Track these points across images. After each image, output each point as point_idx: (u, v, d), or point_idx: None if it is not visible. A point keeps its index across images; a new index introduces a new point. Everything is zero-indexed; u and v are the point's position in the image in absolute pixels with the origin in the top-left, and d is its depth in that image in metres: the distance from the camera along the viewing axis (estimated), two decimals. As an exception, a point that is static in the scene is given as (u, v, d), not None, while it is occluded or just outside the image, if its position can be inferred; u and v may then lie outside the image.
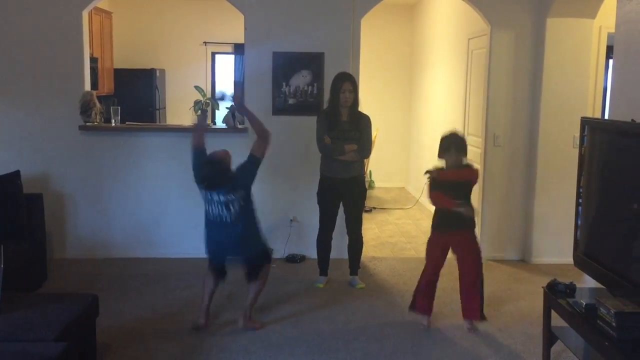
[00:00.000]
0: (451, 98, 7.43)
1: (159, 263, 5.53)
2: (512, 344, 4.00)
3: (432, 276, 4.24)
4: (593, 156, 3.46)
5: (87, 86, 5.63)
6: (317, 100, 5.60)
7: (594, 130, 3.42)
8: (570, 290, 3.38)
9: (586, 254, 3.40)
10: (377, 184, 9.94)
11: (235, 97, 3.69)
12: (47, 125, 5.53)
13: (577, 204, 3.51)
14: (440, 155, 4.14)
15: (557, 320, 3.48)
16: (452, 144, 4.07)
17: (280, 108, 5.64)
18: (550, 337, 3.52)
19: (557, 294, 3.42)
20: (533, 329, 4.20)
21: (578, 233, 3.52)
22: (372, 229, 7.09)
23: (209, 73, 9.62)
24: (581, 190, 3.48)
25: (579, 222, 3.51)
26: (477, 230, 5.88)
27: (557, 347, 3.65)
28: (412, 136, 9.66)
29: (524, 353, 3.87)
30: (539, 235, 5.76)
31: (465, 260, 4.18)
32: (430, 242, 4.26)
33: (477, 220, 5.94)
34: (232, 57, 9.62)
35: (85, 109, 5.44)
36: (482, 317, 4.21)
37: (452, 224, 4.15)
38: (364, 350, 3.87)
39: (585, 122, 3.44)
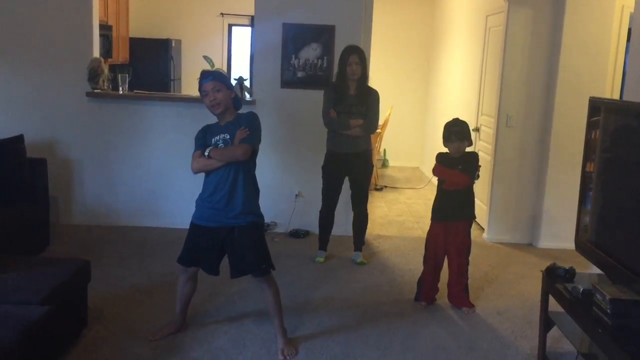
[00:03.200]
0: (467, 77, 7.27)
1: (164, 232, 5.53)
2: (509, 328, 3.92)
3: (435, 268, 4.21)
4: (601, 138, 3.33)
5: (96, 52, 5.59)
6: (327, 74, 5.51)
7: (602, 111, 3.28)
8: (570, 275, 3.28)
9: (589, 239, 3.29)
10: (391, 163, 9.85)
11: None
12: (54, 90, 5.52)
13: (582, 188, 3.38)
14: (444, 144, 4.12)
15: (556, 306, 3.39)
16: (452, 133, 4.04)
17: (288, 81, 5.56)
18: (547, 322, 3.42)
19: (555, 278, 3.32)
20: (533, 314, 4.11)
21: (582, 218, 3.40)
22: (381, 207, 7.01)
23: (225, 45, 9.55)
24: (589, 174, 3.35)
25: (583, 207, 3.38)
26: (484, 215, 5.87)
27: (556, 332, 3.55)
28: (428, 115, 9.52)
29: (520, 337, 3.79)
30: (549, 219, 5.63)
31: (456, 250, 4.15)
32: (432, 234, 4.21)
33: (486, 200, 5.88)
34: (249, 29, 9.51)
35: (93, 75, 5.42)
36: (469, 304, 4.18)
37: (452, 213, 4.12)
38: (358, 327, 3.82)
39: (594, 103, 3.31)
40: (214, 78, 3.31)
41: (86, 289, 3.53)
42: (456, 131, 4.05)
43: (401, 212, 6.88)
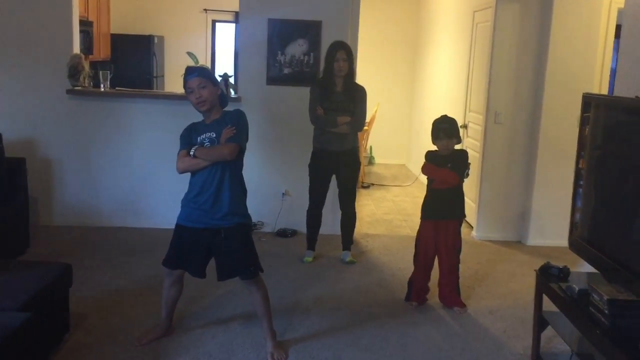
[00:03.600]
0: (454, 73, 7.21)
1: (148, 233, 5.41)
2: (502, 327, 3.86)
3: (425, 268, 4.14)
4: (595, 135, 3.29)
5: (76, 49, 5.45)
6: (313, 71, 5.42)
7: (596, 107, 3.23)
8: (564, 274, 3.23)
9: (583, 238, 3.24)
10: (377, 160, 9.79)
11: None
12: (33, 88, 5.37)
13: (576, 185, 3.33)
14: (432, 141, 4.04)
15: (549, 305, 3.34)
16: (440, 130, 3.96)
17: (274, 78, 5.46)
18: (541, 322, 3.37)
19: (549, 277, 3.26)
20: (525, 313, 4.06)
21: (576, 216, 3.35)
22: (368, 205, 6.94)
23: (208, 42, 9.41)
24: (582, 170, 3.30)
25: (577, 204, 3.33)
26: (473, 212, 5.82)
27: (548, 332, 3.50)
28: (415, 112, 9.46)
29: (513, 337, 3.73)
30: (538, 216, 5.59)
31: (446, 250, 4.07)
32: (421, 233, 4.13)
33: (475, 198, 5.83)
34: (232, 25, 9.39)
35: (74, 72, 5.28)
36: (460, 304, 4.11)
37: (443, 212, 4.05)
38: (348, 329, 3.74)
39: (588, 99, 3.25)
40: (200, 74, 3.20)
41: (68, 293, 3.41)
42: (444, 128, 3.98)
43: (389, 210, 6.82)
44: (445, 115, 4.08)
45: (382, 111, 9.01)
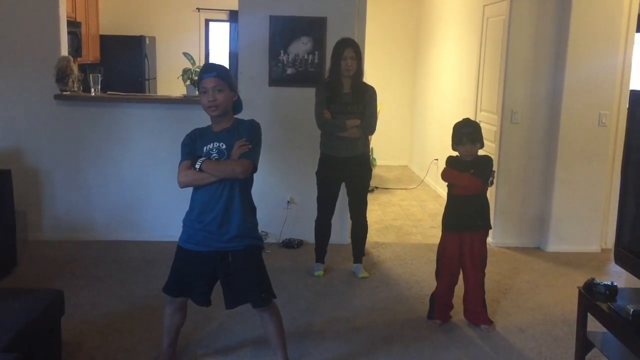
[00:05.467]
0: (462, 71, 6.90)
1: (144, 247, 5.05)
2: (536, 347, 3.54)
3: (450, 284, 3.81)
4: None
5: (64, 51, 5.09)
6: (318, 70, 5.09)
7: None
8: (611, 292, 2.91)
9: (632, 250, 2.92)
10: (378, 162, 9.44)
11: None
12: (18, 93, 5.00)
13: (623, 191, 3.02)
14: (453, 147, 3.72)
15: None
16: (463, 134, 3.65)
17: (277, 79, 5.12)
18: (585, 344, 3.06)
19: (595, 296, 2.95)
20: (557, 330, 3.76)
21: (623, 225, 3.03)
22: (375, 210, 6.61)
23: (202, 42, 9.06)
24: (631, 174, 2.99)
25: (624, 212, 3.02)
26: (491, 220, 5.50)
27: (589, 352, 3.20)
28: (417, 111, 9.13)
29: (550, 358, 3.41)
30: (558, 221, 5.28)
31: (472, 263, 3.75)
32: (445, 246, 3.80)
33: (490, 202, 5.50)
34: (227, 25, 9.04)
35: (62, 76, 4.92)
36: (487, 321, 3.79)
37: (467, 223, 3.73)
38: (369, 354, 3.41)
39: (636, 96, 2.94)
40: (218, 75, 2.82)
41: (60, 323, 3.06)
42: (468, 132, 3.67)
43: (397, 215, 6.49)
44: (468, 119, 3.78)
45: (382, 110, 8.68)
